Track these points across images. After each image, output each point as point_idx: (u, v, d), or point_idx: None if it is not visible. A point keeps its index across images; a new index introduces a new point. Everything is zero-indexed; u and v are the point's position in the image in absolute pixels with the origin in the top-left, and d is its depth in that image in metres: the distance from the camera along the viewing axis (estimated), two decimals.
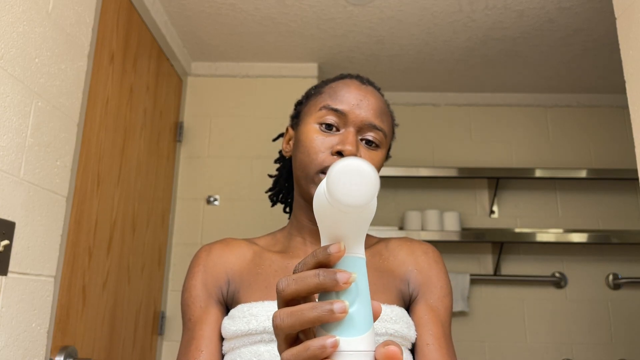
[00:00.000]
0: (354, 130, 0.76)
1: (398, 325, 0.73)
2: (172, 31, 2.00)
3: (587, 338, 2.29)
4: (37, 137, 1.13)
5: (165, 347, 1.97)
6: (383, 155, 0.80)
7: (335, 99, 0.77)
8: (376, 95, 0.81)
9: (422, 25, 1.94)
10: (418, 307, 0.78)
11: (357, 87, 0.79)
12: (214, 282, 0.78)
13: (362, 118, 0.76)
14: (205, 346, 0.73)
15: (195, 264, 0.80)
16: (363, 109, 0.76)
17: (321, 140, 0.76)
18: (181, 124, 2.19)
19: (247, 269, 0.79)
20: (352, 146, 0.73)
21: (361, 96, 0.78)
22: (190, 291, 0.78)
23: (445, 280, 0.81)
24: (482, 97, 2.56)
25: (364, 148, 0.77)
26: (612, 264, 2.37)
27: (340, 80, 0.83)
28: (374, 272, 0.79)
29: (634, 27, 1.23)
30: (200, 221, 2.10)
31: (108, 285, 1.52)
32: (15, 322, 1.06)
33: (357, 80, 0.82)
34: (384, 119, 0.79)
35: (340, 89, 0.79)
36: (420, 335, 0.75)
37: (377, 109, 0.78)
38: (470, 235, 2.25)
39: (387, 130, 0.79)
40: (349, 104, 0.77)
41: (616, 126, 2.54)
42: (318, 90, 0.83)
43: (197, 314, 0.76)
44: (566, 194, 2.47)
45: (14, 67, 1.05)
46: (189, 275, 0.80)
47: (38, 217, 1.13)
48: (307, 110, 0.82)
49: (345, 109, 0.76)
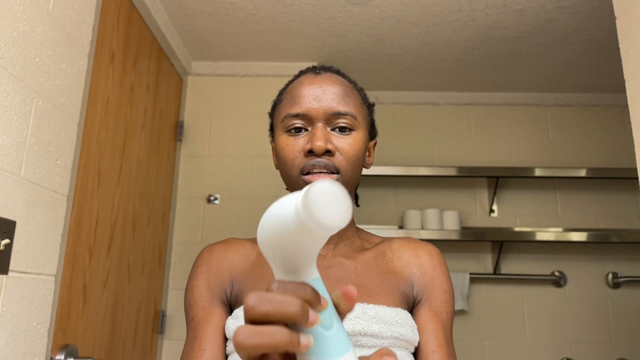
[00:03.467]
0: (321, 125, 0.75)
1: (403, 328, 0.72)
2: (172, 30, 2.00)
3: (587, 337, 2.29)
4: (38, 136, 1.13)
5: (165, 345, 1.97)
6: (361, 136, 0.78)
7: (293, 104, 0.77)
8: (334, 80, 0.79)
9: (422, 25, 1.94)
10: (422, 312, 0.77)
11: (310, 81, 0.78)
12: (218, 282, 0.78)
13: (324, 110, 0.75)
14: (209, 345, 0.72)
15: (198, 264, 0.80)
16: (322, 101, 0.75)
17: (292, 145, 0.76)
18: (181, 123, 2.19)
19: (251, 269, 0.79)
20: (320, 141, 0.73)
21: (316, 88, 0.77)
22: (193, 291, 0.78)
23: (448, 284, 0.81)
24: (482, 96, 2.57)
25: (337, 136, 0.76)
26: (611, 262, 2.38)
27: (295, 80, 0.82)
28: (378, 274, 0.78)
29: (633, 27, 1.23)
30: (201, 220, 2.11)
31: (108, 284, 1.53)
32: (16, 321, 1.06)
33: (310, 73, 0.81)
34: (348, 101, 0.78)
35: (296, 90, 0.79)
36: (426, 341, 0.75)
37: (337, 94, 0.77)
38: (470, 234, 2.26)
39: (355, 111, 0.78)
40: (306, 102, 0.76)
41: (616, 125, 2.54)
42: (279, 98, 0.83)
43: (200, 314, 0.75)
44: (566, 193, 2.47)
45: (14, 66, 1.05)
46: (192, 275, 0.80)
47: (39, 216, 1.14)
48: (275, 122, 0.82)
49: (304, 110, 0.76)
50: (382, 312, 0.72)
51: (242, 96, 2.25)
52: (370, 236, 0.88)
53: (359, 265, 0.79)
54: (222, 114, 2.23)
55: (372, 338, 0.70)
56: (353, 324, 0.70)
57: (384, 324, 0.71)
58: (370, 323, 0.70)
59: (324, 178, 0.73)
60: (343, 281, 0.76)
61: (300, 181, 0.75)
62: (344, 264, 0.79)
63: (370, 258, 0.81)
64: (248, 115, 2.21)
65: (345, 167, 0.75)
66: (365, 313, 0.71)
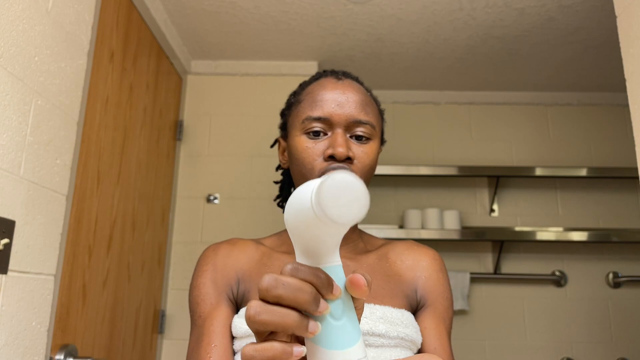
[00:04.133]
0: (341, 131, 0.75)
1: (408, 329, 0.74)
2: (171, 29, 2.00)
3: (587, 336, 2.29)
4: (37, 136, 1.13)
5: (165, 345, 1.97)
6: (376, 145, 0.79)
7: (315, 107, 0.77)
8: (355, 88, 0.79)
9: (422, 24, 1.94)
10: (427, 316, 0.79)
11: (333, 86, 0.78)
12: (224, 280, 0.78)
13: (346, 117, 0.75)
14: (218, 341, 0.73)
15: (203, 262, 0.80)
16: (345, 108, 0.76)
17: (312, 149, 0.76)
18: (181, 122, 2.19)
19: (256, 268, 0.79)
20: (342, 147, 0.73)
21: (339, 94, 0.77)
22: (199, 289, 0.78)
23: (449, 290, 0.83)
24: (482, 95, 2.56)
25: (355, 144, 0.76)
26: (612, 262, 2.37)
27: (315, 82, 0.82)
28: (382, 277, 0.79)
29: (634, 26, 1.23)
30: (200, 219, 2.10)
31: (108, 283, 1.52)
32: (15, 321, 1.06)
33: (332, 77, 0.81)
34: (369, 110, 0.78)
35: (318, 92, 0.78)
36: (431, 345, 0.76)
37: (359, 102, 0.77)
38: (470, 234, 2.25)
39: (374, 121, 0.78)
40: (329, 107, 0.76)
41: (616, 125, 2.54)
42: (297, 99, 0.83)
43: (208, 311, 0.75)
44: (566, 193, 2.46)
45: (13, 65, 1.05)
46: (197, 274, 0.80)
47: (38, 216, 1.13)
48: (292, 122, 0.81)
49: (327, 114, 0.75)
50: (388, 312, 0.74)
51: (242, 95, 2.24)
52: (372, 239, 0.88)
53: (362, 267, 0.80)
54: (222, 113, 2.22)
55: (379, 337, 0.71)
56: (361, 323, 0.71)
57: (390, 324, 0.72)
58: (377, 323, 0.72)
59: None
60: None
61: None
62: (348, 266, 0.80)
63: (374, 260, 0.81)
64: (248, 114, 2.21)
65: (361, 175, 0.76)
66: (373, 313, 0.73)
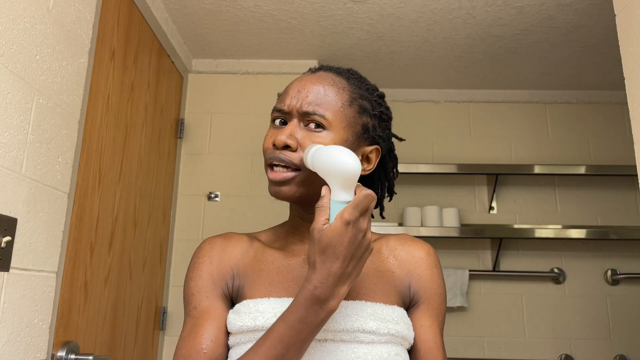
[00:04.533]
0: (295, 121, 0.77)
1: (399, 326, 0.75)
2: (172, 28, 2.00)
3: (586, 333, 2.30)
4: (39, 134, 1.14)
5: (166, 342, 1.98)
6: (335, 136, 0.76)
7: (280, 99, 0.81)
8: (320, 79, 0.79)
9: (422, 22, 1.94)
10: (421, 313, 0.80)
11: (299, 80, 0.81)
12: (220, 274, 0.79)
13: (297, 108, 0.77)
14: (213, 336, 0.73)
15: (200, 255, 0.81)
16: (299, 100, 0.77)
17: (269, 137, 0.79)
18: (182, 120, 2.19)
19: (250, 264, 0.80)
20: (282, 135, 0.75)
21: (300, 87, 0.79)
22: (195, 281, 0.78)
23: (444, 287, 0.84)
24: (481, 93, 2.57)
25: (304, 130, 0.76)
26: (610, 259, 2.38)
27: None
28: (374, 273, 0.80)
29: (633, 24, 1.24)
30: (201, 217, 2.11)
31: (110, 281, 1.53)
32: (17, 318, 1.07)
33: (308, 71, 0.83)
34: (323, 101, 0.77)
35: (288, 87, 0.81)
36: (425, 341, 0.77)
37: (314, 93, 0.77)
38: (469, 231, 2.26)
39: (328, 112, 0.76)
40: (288, 98, 0.79)
41: (615, 123, 2.54)
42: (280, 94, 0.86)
43: (204, 304, 0.76)
44: (565, 190, 2.47)
45: (15, 64, 1.05)
46: (194, 266, 0.80)
47: (40, 214, 1.14)
48: None
49: (284, 105, 0.78)
50: (379, 309, 0.74)
51: (243, 94, 2.25)
52: None
53: None
54: (223, 112, 2.23)
55: (369, 334, 0.72)
56: (352, 320, 0.72)
57: (381, 321, 0.73)
58: (367, 320, 0.73)
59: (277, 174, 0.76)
60: None
61: (266, 170, 0.78)
62: None
63: None
64: (248, 112, 2.22)
65: (300, 162, 0.75)
66: (363, 310, 0.74)
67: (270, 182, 0.77)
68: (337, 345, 0.71)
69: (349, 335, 0.72)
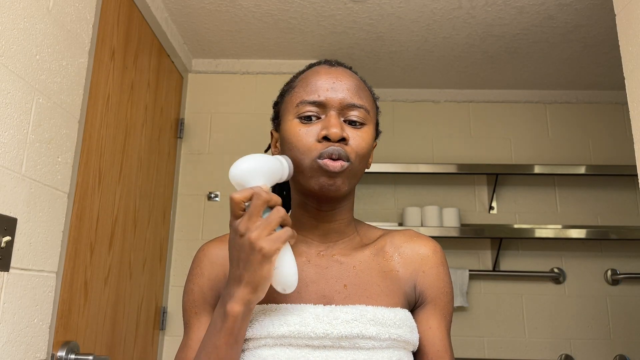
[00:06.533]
0: (335, 113, 0.75)
1: (401, 329, 0.72)
2: (172, 28, 2.00)
3: (586, 333, 2.30)
4: (39, 134, 1.14)
5: (166, 342, 1.98)
6: (370, 131, 0.78)
7: (309, 91, 0.76)
8: (348, 74, 0.79)
9: (422, 22, 1.94)
10: (428, 313, 0.78)
11: (326, 72, 0.78)
12: (212, 286, 0.78)
13: (340, 100, 0.75)
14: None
15: (194, 266, 0.80)
16: (338, 91, 0.75)
17: (305, 132, 0.75)
18: (182, 120, 2.19)
19: None
20: (336, 128, 0.72)
21: (333, 79, 0.77)
22: (188, 295, 0.79)
23: (450, 285, 0.81)
24: (481, 93, 2.57)
25: (349, 128, 0.75)
26: (610, 259, 2.38)
27: (309, 69, 0.82)
28: (377, 273, 0.77)
29: (633, 24, 1.24)
30: (201, 217, 2.11)
31: (110, 280, 1.53)
32: (17, 318, 1.07)
33: (325, 64, 0.81)
34: (362, 95, 0.78)
35: (311, 78, 0.78)
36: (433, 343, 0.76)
37: (353, 87, 0.77)
38: (469, 231, 2.26)
39: (368, 106, 0.78)
40: (323, 91, 0.76)
41: (615, 122, 2.55)
42: (290, 85, 0.82)
43: (192, 321, 0.77)
44: (565, 190, 2.47)
45: (15, 63, 1.05)
46: (189, 278, 0.80)
47: (40, 213, 1.14)
48: (285, 108, 0.80)
49: (321, 98, 0.75)
50: (380, 313, 0.72)
51: (242, 93, 2.25)
52: (370, 230, 0.85)
53: (358, 264, 0.78)
54: (223, 111, 2.23)
55: (370, 340, 0.70)
56: (351, 326, 0.70)
57: (381, 326, 0.71)
58: (367, 326, 0.70)
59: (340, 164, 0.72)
60: (341, 281, 0.76)
61: (315, 165, 0.73)
62: (343, 264, 0.78)
63: (369, 256, 0.79)
64: (248, 112, 2.22)
65: (355, 158, 0.74)
66: (363, 316, 0.71)
67: (326, 173, 0.72)
68: (336, 352, 0.69)
69: (348, 342, 0.69)
